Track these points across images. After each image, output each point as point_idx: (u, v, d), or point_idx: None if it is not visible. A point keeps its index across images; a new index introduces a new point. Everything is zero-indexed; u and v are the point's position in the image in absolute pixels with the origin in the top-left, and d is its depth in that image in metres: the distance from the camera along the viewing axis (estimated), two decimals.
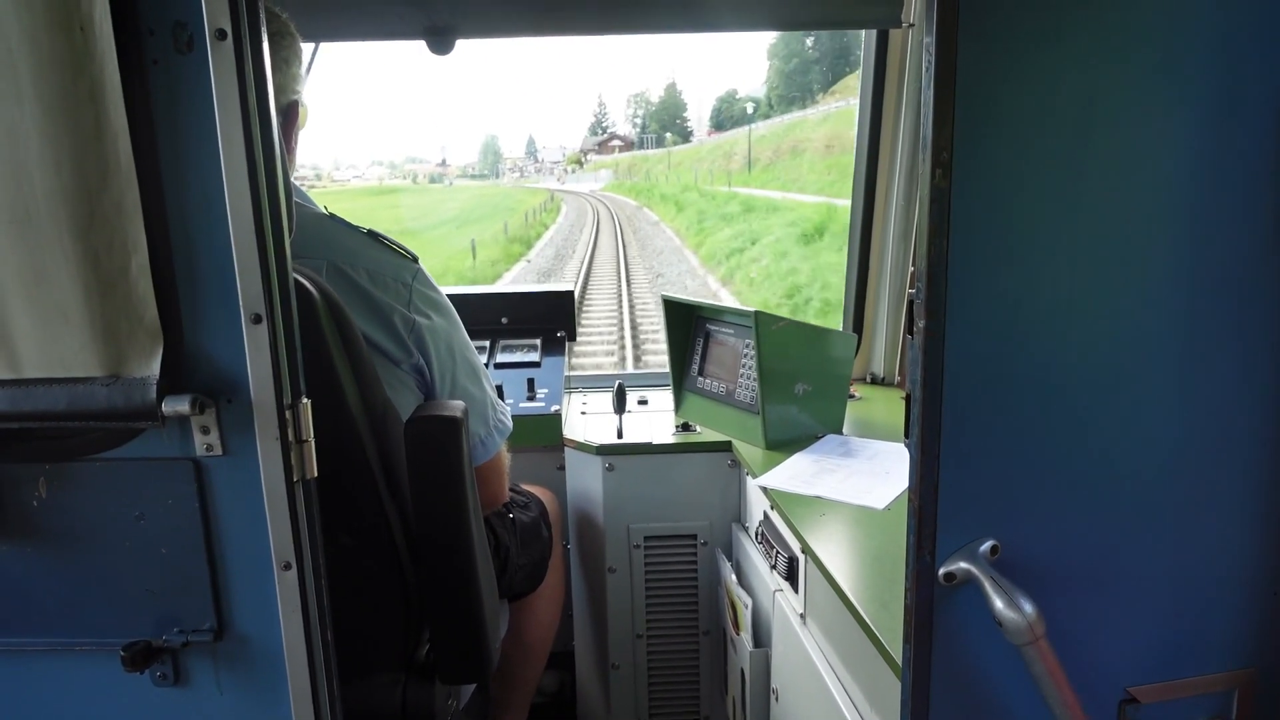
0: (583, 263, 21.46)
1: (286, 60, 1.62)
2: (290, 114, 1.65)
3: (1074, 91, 0.96)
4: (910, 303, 1.01)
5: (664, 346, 2.63)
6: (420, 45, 2.33)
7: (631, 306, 14.54)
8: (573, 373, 2.91)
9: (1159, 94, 0.98)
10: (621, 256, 23.25)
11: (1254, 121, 1.00)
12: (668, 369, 2.61)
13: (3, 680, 1.27)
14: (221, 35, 1.04)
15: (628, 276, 19.07)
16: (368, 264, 1.66)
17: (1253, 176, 1.01)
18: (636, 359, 10.61)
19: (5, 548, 1.21)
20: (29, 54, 0.99)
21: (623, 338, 11.83)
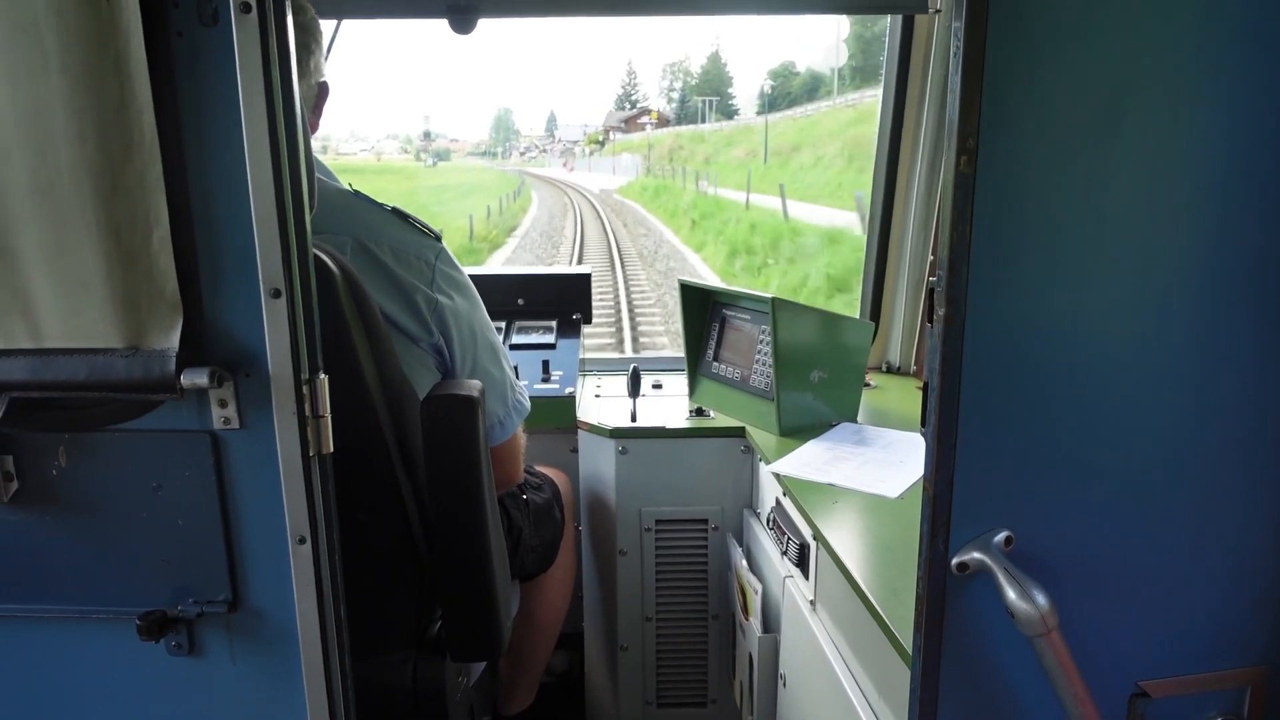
0: (574, 244, 20.86)
1: (318, 41, 1.64)
2: (321, 94, 1.66)
3: (1103, 81, 0.95)
4: (930, 291, 1.01)
5: (659, 329, 2.62)
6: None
7: (627, 288, 14.31)
8: (587, 355, 2.92)
9: (1188, 87, 0.97)
10: (611, 236, 22.30)
11: None
12: (666, 353, 2.60)
13: (20, 647, 1.29)
14: (246, 8, 1.04)
15: (621, 257, 18.58)
16: (392, 242, 1.67)
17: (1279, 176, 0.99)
18: (635, 341, 10.33)
19: (25, 516, 1.22)
20: (55, 25, 0.99)
21: (619, 320, 11.56)
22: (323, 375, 1.19)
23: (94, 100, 1.02)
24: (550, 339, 2.73)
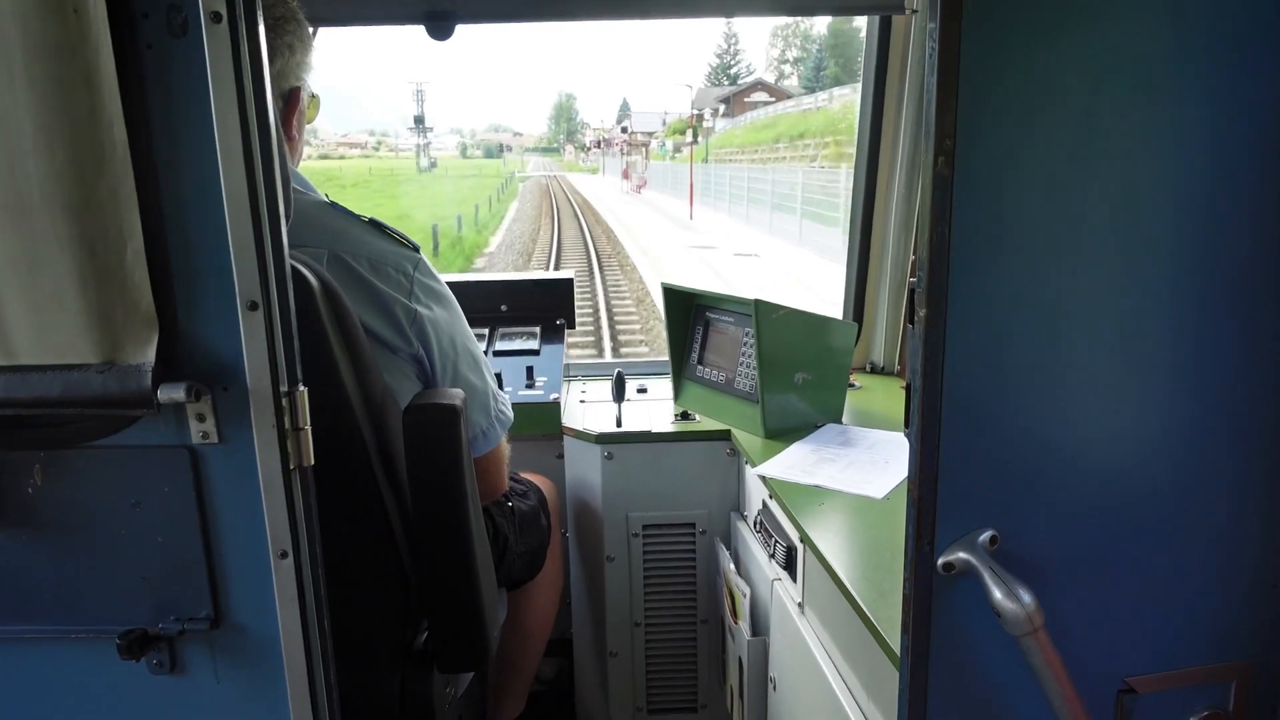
0: (550, 249, 20.96)
1: (290, 46, 1.61)
2: (291, 100, 1.64)
3: (1079, 79, 0.95)
4: (911, 291, 1.01)
5: (640, 337, 2.62)
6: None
7: (606, 291, 14.17)
8: (572, 361, 2.91)
9: (1163, 84, 0.97)
10: (589, 239, 22.31)
11: (1258, 116, 0.99)
12: (650, 357, 2.60)
13: None
14: (216, 18, 1.03)
15: (600, 261, 18.51)
16: (369, 253, 1.65)
17: (1257, 170, 1.00)
18: (615, 350, 10.15)
19: (1, 536, 1.21)
20: (21, 37, 0.97)
21: (598, 327, 11.39)
22: (302, 387, 1.17)
23: (63, 113, 1.00)
24: (534, 345, 2.72)
